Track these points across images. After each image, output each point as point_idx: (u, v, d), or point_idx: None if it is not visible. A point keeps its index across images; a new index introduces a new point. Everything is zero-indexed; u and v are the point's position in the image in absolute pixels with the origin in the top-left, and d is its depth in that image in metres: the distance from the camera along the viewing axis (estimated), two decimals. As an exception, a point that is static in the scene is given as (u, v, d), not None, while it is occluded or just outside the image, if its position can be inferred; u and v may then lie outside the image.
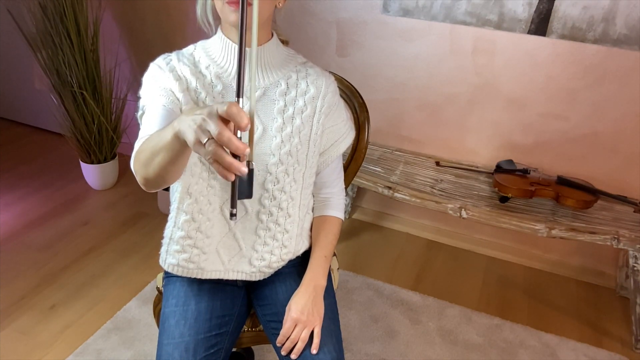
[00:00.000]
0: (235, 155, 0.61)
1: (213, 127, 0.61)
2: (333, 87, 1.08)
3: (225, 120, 0.62)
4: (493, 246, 2.30)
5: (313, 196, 1.20)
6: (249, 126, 0.61)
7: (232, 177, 0.61)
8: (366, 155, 1.40)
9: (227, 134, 0.60)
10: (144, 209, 2.41)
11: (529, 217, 1.79)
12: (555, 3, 1.80)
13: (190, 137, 0.65)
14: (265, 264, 1.11)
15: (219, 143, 0.61)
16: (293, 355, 1.02)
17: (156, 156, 0.77)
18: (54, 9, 2.11)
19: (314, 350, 1.01)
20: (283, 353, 1.03)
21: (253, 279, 1.13)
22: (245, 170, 0.60)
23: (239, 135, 0.63)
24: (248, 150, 0.61)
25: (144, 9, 2.44)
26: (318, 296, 1.08)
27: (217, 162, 0.61)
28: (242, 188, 0.63)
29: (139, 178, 0.86)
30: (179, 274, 1.10)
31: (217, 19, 1.01)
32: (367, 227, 2.44)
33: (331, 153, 1.13)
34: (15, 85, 2.97)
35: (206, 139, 0.62)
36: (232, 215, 0.63)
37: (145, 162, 0.80)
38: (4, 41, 2.83)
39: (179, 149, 0.73)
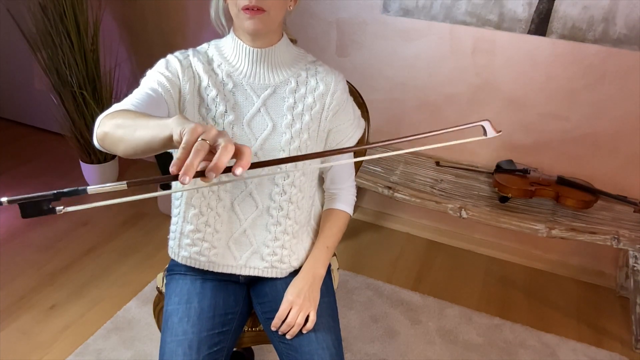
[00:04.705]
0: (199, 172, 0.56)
1: (224, 139, 0.57)
2: (342, 84, 1.10)
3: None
4: (493, 246, 2.30)
5: (323, 190, 1.23)
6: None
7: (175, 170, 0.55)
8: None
9: (227, 158, 0.56)
10: (144, 209, 2.41)
11: (529, 217, 1.79)
12: (555, 3, 1.80)
13: (186, 126, 0.59)
14: (277, 259, 1.13)
15: (211, 148, 0.57)
16: (288, 336, 1.05)
17: (133, 132, 0.71)
18: (54, 9, 2.11)
19: (304, 331, 1.04)
20: (280, 333, 1.06)
21: (266, 275, 1.14)
22: (187, 181, 0.55)
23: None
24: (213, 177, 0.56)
25: (144, 9, 2.44)
26: (315, 284, 1.11)
27: (187, 153, 0.56)
28: (33, 206, 0.54)
29: (99, 132, 0.78)
30: (192, 265, 1.13)
31: (230, 20, 1.04)
32: (367, 227, 2.44)
33: None
34: (15, 85, 2.96)
35: (201, 137, 0.57)
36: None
37: (118, 125, 0.74)
38: (4, 41, 2.82)
39: (161, 141, 0.66)
